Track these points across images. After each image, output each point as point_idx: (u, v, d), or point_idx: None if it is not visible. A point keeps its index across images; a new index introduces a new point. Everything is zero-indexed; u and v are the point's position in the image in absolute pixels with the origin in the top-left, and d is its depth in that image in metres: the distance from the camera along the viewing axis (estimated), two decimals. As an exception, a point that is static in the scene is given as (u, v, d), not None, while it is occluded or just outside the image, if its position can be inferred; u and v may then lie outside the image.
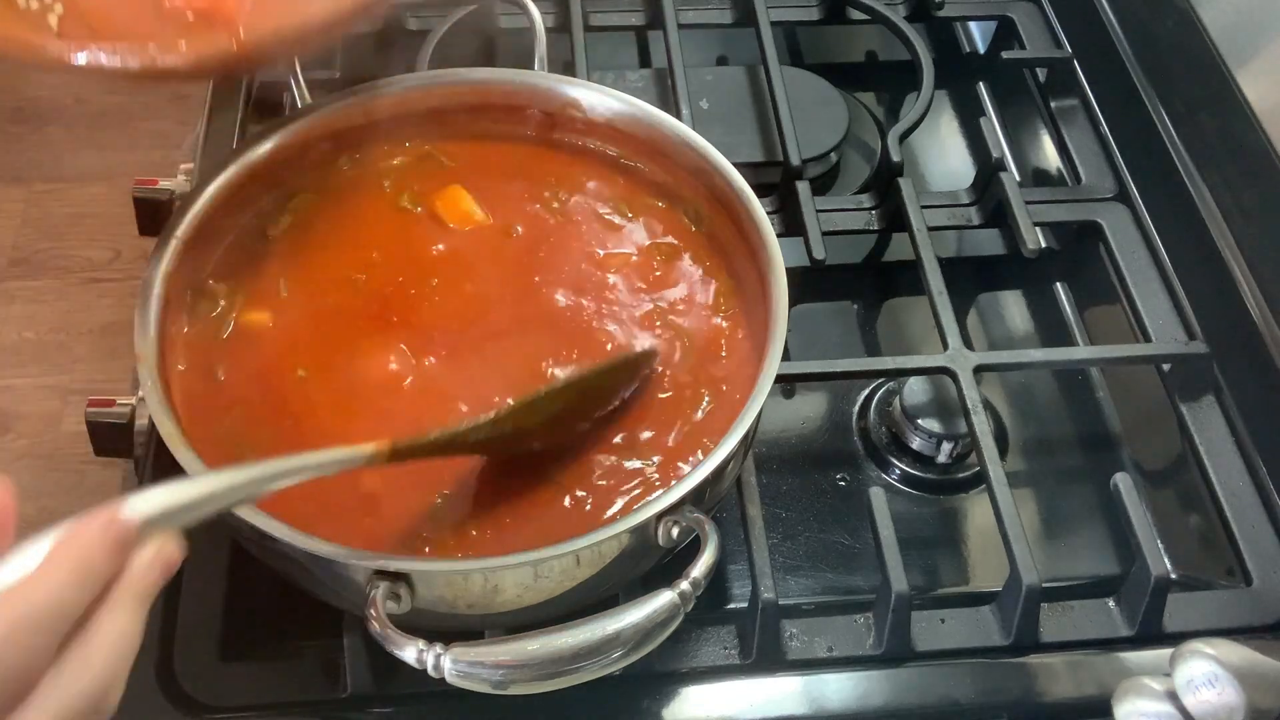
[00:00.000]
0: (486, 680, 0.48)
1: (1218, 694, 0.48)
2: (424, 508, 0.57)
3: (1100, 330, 0.82)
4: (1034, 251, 0.79)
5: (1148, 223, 0.83)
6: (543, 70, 0.73)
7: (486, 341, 0.64)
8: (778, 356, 0.58)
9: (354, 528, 0.56)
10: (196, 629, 0.62)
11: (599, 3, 0.94)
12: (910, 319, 0.83)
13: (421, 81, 0.72)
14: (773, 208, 0.82)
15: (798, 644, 0.63)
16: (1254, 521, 0.69)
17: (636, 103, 0.70)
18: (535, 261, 0.68)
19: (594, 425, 0.61)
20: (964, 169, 0.91)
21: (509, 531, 0.57)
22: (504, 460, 0.59)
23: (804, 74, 0.93)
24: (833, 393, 0.78)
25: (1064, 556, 0.71)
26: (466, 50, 0.90)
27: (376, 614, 0.49)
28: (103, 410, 0.70)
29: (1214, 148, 0.81)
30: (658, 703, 0.61)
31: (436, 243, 0.68)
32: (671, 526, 0.54)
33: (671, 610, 0.50)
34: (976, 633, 0.64)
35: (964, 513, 0.73)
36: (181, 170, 0.82)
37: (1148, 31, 0.89)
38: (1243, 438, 0.73)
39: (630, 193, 0.71)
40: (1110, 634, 0.64)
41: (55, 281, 1.72)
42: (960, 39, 1.00)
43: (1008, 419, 0.77)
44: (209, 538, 0.65)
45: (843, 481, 0.74)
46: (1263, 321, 0.73)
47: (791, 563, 0.70)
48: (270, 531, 0.52)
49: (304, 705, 0.61)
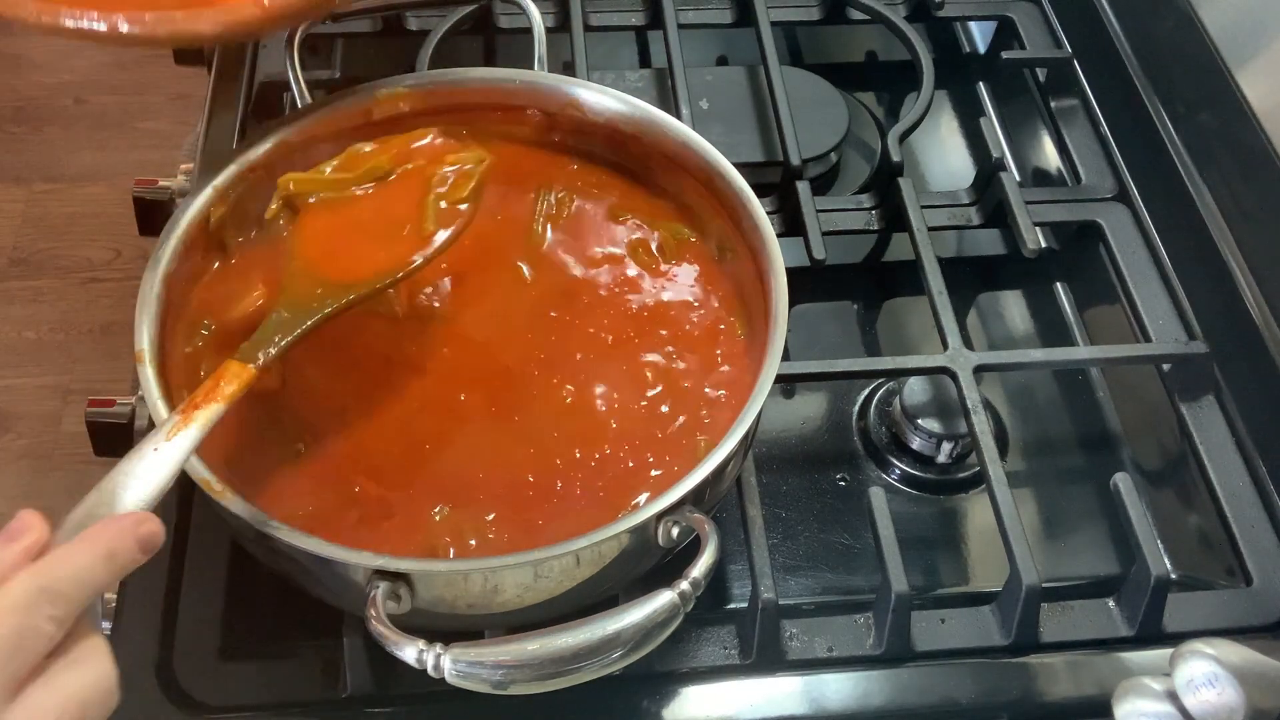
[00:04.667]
0: (486, 680, 0.48)
1: (1218, 694, 0.48)
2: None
3: (1100, 330, 0.82)
4: (1034, 251, 0.79)
5: (1148, 223, 0.83)
6: (543, 70, 0.73)
7: (481, 329, 0.64)
8: (778, 356, 0.58)
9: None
10: (196, 629, 0.62)
11: (599, 3, 0.94)
12: (910, 319, 0.83)
13: (421, 81, 0.72)
14: (773, 208, 0.82)
15: (798, 644, 0.63)
16: (1254, 521, 0.69)
17: (636, 103, 0.70)
18: (531, 259, 0.68)
19: (593, 426, 0.61)
20: (964, 169, 0.91)
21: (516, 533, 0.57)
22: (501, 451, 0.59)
23: (804, 74, 0.93)
24: (833, 393, 0.78)
25: (1064, 556, 0.71)
26: (466, 50, 0.90)
27: (376, 614, 0.49)
28: (103, 410, 0.70)
29: (1214, 148, 0.81)
30: (658, 703, 0.61)
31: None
32: (671, 526, 0.54)
33: (671, 610, 0.50)
34: (976, 633, 0.64)
35: (964, 513, 0.73)
36: (181, 170, 0.82)
37: (1148, 31, 0.89)
38: (1243, 438, 0.72)
39: (629, 193, 0.71)
40: (1110, 634, 0.64)
41: (55, 281, 1.72)
42: (960, 39, 1.00)
43: (1008, 419, 0.77)
44: (209, 538, 0.65)
45: (843, 481, 0.74)
46: (1263, 321, 0.73)
47: (791, 563, 0.70)
48: (270, 531, 0.52)
49: (304, 705, 0.61)
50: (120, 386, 0.80)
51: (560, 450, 0.60)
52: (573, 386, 0.62)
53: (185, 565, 0.64)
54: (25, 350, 1.65)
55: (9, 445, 1.55)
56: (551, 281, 0.67)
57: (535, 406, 0.62)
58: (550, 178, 0.71)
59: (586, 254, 0.68)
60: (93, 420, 0.70)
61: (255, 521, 0.52)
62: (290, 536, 0.52)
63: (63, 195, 1.83)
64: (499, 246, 0.68)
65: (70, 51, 1.98)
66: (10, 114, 1.93)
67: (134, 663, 0.61)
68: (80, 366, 1.63)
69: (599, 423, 0.61)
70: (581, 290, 0.66)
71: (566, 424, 0.61)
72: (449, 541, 0.57)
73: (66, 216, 1.80)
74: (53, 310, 1.69)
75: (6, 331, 1.67)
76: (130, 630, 0.62)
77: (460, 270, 0.67)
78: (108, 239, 1.77)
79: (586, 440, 0.60)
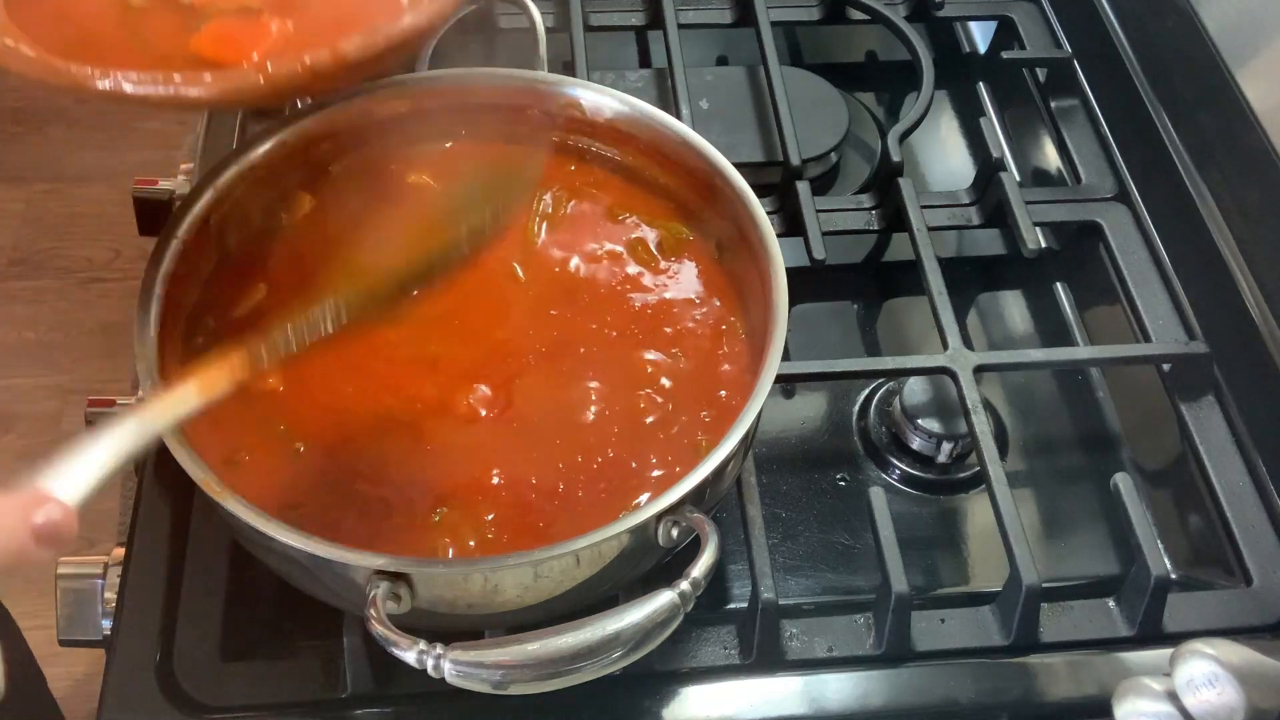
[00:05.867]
0: (486, 680, 0.48)
1: (1218, 694, 0.48)
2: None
3: (1100, 330, 0.82)
4: (1034, 251, 0.79)
5: (1148, 223, 0.83)
6: (543, 70, 0.73)
7: (479, 322, 0.64)
8: (778, 356, 0.58)
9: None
10: (196, 629, 0.62)
11: (599, 3, 0.94)
12: (910, 319, 0.83)
13: (421, 81, 0.72)
14: (773, 208, 0.82)
15: (798, 644, 0.63)
16: (1254, 521, 0.69)
17: (636, 103, 0.70)
18: (530, 258, 0.68)
19: (593, 426, 0.61)
20: (964, 169, 0.91)
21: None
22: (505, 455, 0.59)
23: (804, 74, 0.93)
24: (833, 393, 0.78)
25: (1064, 556, 0.71)
26: (466, 50, 0.90)
27: (376, 614, 0.49)
28: (103, 410, 0.70)
29: (1214, 148, 0.81)
30: (658, 703, 0.61)
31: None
32: (671, 526, 0.54)
33: (671, 610, 0.50)
34: (976, 633, 0.64)
35: (964, 513, 0.73)
36: (181, 170, 0.82)
37: (1148, 31, 0.89)
38: (1243, 438, 0.73)
39: (629, 192, 0.71)
40: (1110, 634, 0.64)
41: (55, 281, 1.73)
42: (960, 39, 1.00)
43: (1008, 419, 0.77)
44: (209, 538, 0.65)
45: (843, 481, 0.74)
46: (1263, 321, 0.73)
47: (791, 563, 0.70)
48: (270, 531, 0.52)
49: (304, 705, 0.61)
50: (120, 386, 0.80)
51: (560, 451, 0.60)
52: (573, 386, 0.62)
53: (185, 565, 0.64)
54: (25, 350, 1.65)
55: (9, 445, 1.56)
56: (551, 280, 0.67)
57: (535, 406, 0.62)
58: (549, 178, 0.71)
59: (585, 252, 0.68)
60: (93, 420, 0.70)
61: (255, 521, 0.52)
62: (290, 536, 0.52)
63: (63, 195, 1.83)
64: (498, 246, 0.68)
65: (70, 51, 1.98)
66: (10, 114, 1.93)
67: (134, 663, 0.61)
68: (80, 366, 1.63)
69: (599, 423, 0.61)
70: (581, 289, 0.66)
71: (567, 424, 0.61)
72: (448, 542, 0.57)
73: (66, 216, 1.81)
74: (53, 310, 1.69)
75: (6, 331, 1.67)
76: (130, 630, 0.62)
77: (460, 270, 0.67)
78: (108, 239, 1.77)
79: (587, 441, 0.60)
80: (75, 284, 1.72)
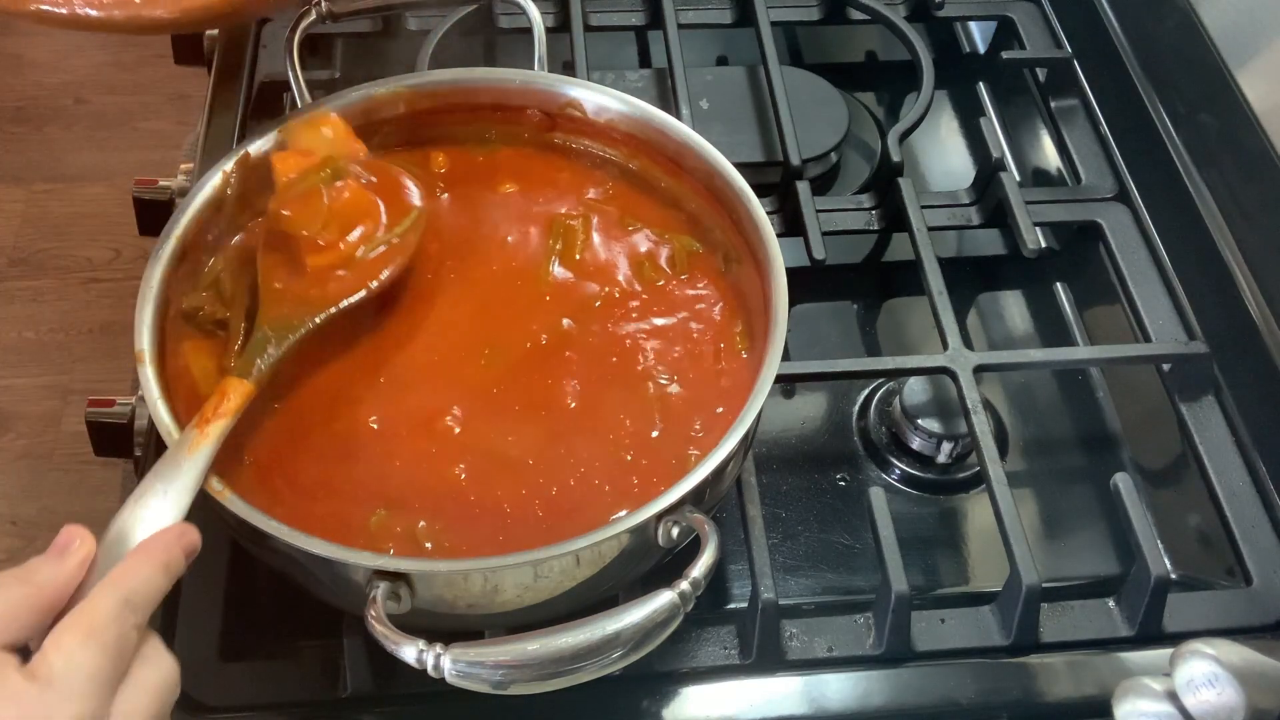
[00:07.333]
0: (486, 680, 0.48)
1: (1218, 694, 0.48)
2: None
3: (1100, 330, 0.82)
4: (1034, 251, 0.79)
5: (1148, 223, 0.83)
6: (543, 70, 0.73)
7: (478, 321, 0.64)
8: (778, 356, 0.58)
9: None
10: (196, 629, 0.62)
11: (599, 3, 0.94)
12: (910, 319, 0.83)
13: (421, 81, 0.72)
14: (773, 208, 0.82)
15: (798, 644, 0.63)
16: (1254, 521, 0.69)
17: (636, 103, 0.70)
18: (529, 258, 0.68)
19: (598, 435, 0.61)
20: (964, 169, 0.91)
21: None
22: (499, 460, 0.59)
23: (804, 74, 0.93)
24: (833, 393, 0.78)
25: (1064, 556, 0.71)
26: (466, 50, 0.90)
27: (376, 614, 0.49)
28: (103, 410, 0.70)
29: (1214, 148, 0.81)
30: (658, 703, 0.61)
31: (432, 240, 0.68)
32: (671, 526, 0.54)
33: (671, 610, 0.50)
34: (976, 633, 0.64)
35: (964, 513, 0.73)
36: (181, 170, 0.82)
37: (1148, 31, 0.89)
38: (1243, 438, 0.73)
39: (628, 193, 0.71)
40: (1110, 634, 0.64)
41: (55, 281, 1.73)
42: (960, 39, 1.00)
43: (1008, 419, 0.77)
44: (209, 538, 0.65)
45: (843, 481, 0.74)
46: (1263, 321, 0.73)
47: (791, 563, 0.70)
48: (270, 531, 0.52)
49: (304, 705, 0.61)
50: (120, 386, 0.80)
51: (565, 462, 0.59)
52: (575, 398, 0.62)
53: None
54: (25, 350, 1.65)
55: (9, 445, 1.55)
56: (556, 289, 0.66)
57: (540, 416, 0.61)
58: (549, 177, 0.71)
59: (591, 263, 0.68)
60: (93, 420, 0.70)
61: (255, 521, 0.52)
62: (290, 536, 0.52)
63: (63, 195, 1.83)
64: (500, 253, 0.68)
65: (70, 51, 1.99)
66: (10, 114, 1.93)
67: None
68: (80, 366, 1.63)
69: (604, 431, 0.61)
70: (586, 299, 0.66)
71: (571, 433, 0.61)
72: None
73: (66, 216, 1.80)
74: (53, 310, 1.69)
75: (6, 331, 1.67)
76: (130, 630, 0.62)
77: (463, 277, 0.67)
78: (108, 239, 1.77)
79: (591, 450, 0.60)
80: (75, 284, 1.72)
